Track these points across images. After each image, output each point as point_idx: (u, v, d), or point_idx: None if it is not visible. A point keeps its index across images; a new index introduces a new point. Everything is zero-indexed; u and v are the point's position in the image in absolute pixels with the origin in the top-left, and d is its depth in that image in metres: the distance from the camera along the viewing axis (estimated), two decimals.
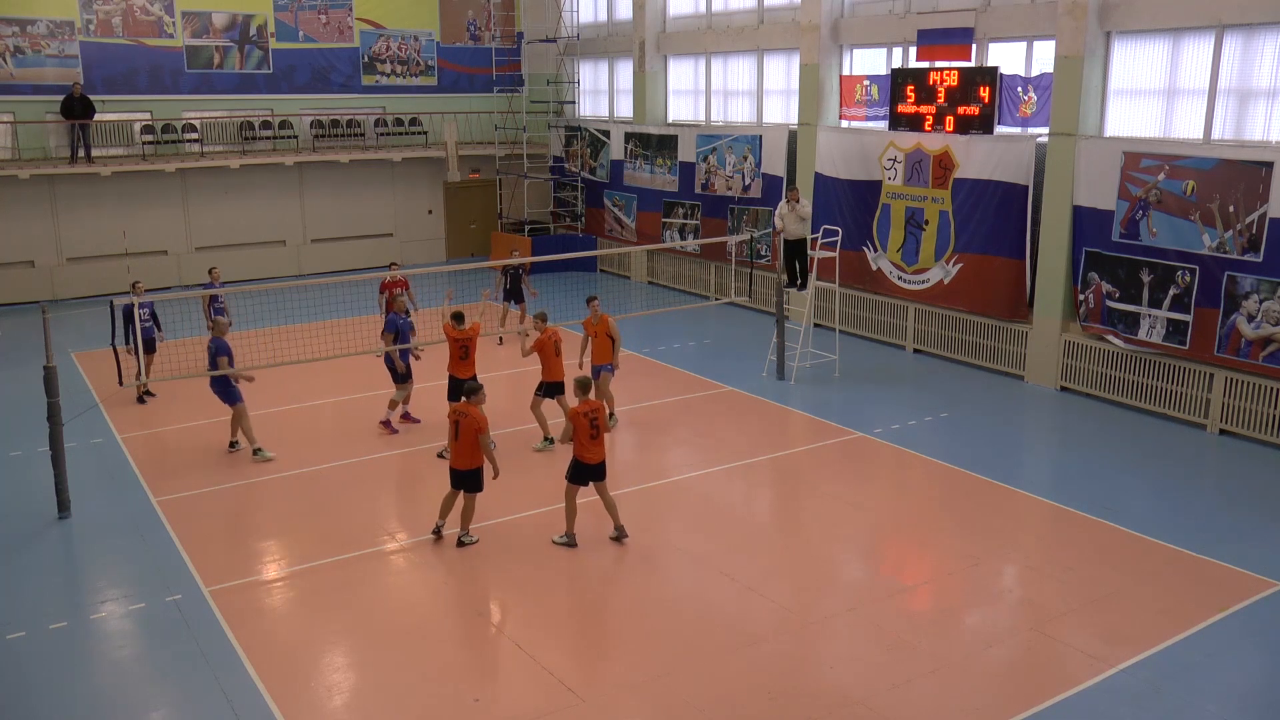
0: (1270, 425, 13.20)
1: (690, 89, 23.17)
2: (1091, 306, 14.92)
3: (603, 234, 25.28)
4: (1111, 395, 14.90)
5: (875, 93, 17.82)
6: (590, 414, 10.23)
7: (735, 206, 21.20)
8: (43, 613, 9.23)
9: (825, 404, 15.05)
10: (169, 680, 8.26)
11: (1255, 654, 8.59)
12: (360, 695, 8.04)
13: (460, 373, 12.78)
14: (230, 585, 9.70)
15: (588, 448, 10.26)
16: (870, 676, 8.19)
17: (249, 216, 24.49)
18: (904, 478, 12.63)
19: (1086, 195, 14.79)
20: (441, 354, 13.54)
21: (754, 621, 9.10)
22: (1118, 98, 14.78)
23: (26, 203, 22.06)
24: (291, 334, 16.12)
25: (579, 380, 10.55)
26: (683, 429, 14.08)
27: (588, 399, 10.36)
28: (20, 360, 16.84)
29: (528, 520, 11.12)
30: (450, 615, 9.25)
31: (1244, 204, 12.96)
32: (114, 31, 22.90)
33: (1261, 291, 12.91)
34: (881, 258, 17.99)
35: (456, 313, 13.02)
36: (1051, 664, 8.36)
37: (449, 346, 12.93)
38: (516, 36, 27.37)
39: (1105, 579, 9.75)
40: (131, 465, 12.79)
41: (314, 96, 25.49)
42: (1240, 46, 13.31)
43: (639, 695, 7.97)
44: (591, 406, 10.29)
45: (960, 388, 15.85)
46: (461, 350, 12.85)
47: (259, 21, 24.50)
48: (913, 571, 10.34)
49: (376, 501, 11.84)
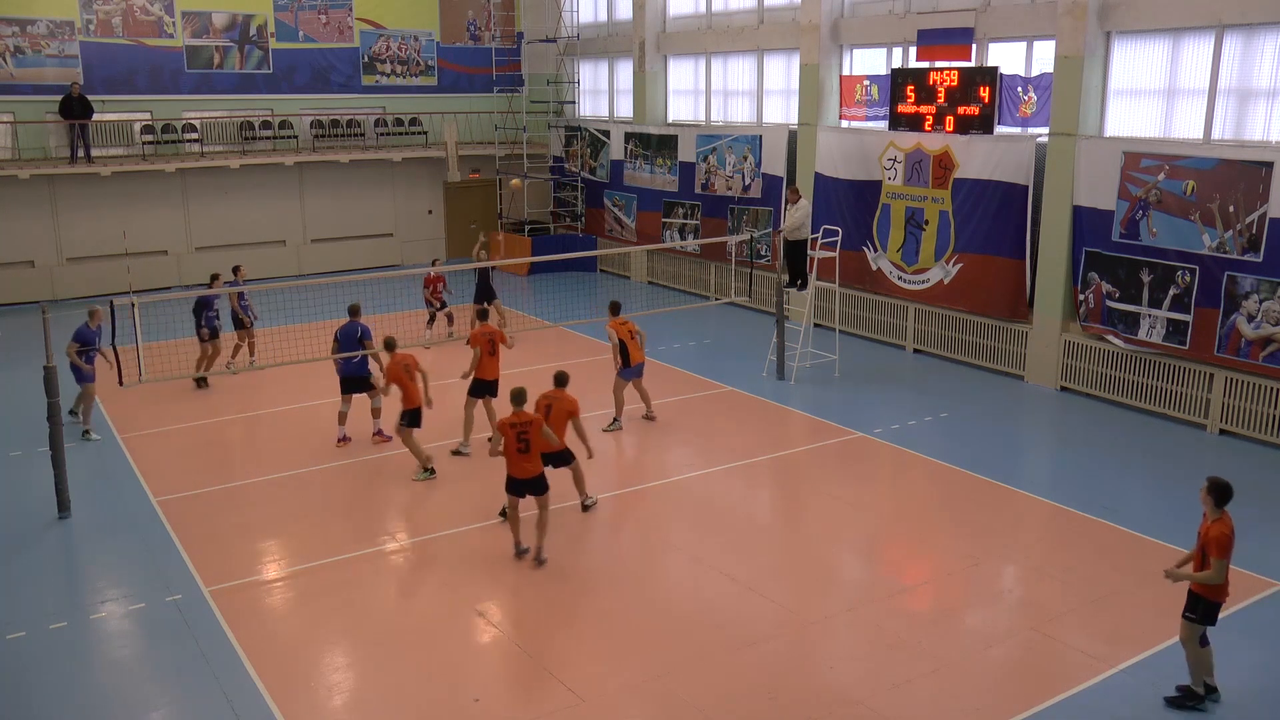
0: (1270, 425, 13.20)
1: (690, 89, 23.17)
2: (1091, 306, 14.92)
3: (603, 234, 25.27)
4: (1111, 395, 14.90)
5: (875, 93, 17.82)
6: (521, 426, 9.76)
7: (735, 206, 21.19)
8: (43, 613, 9.23)
9: (825, 404, 15.04)
10: (169, 680, 8.26)
11: (1255, 654, 8.59)
12: (360, 695, 8.04)
13: (487, 374, 12.88)
14: (230, 585, 9.70)
15: (515, 462, 9.84)
16: (870, 676, 8.19)
17: (249, 216, 24.49)
18: (904, 478, 12.63)
19: (1086, 195, 14.79)
20: (445, 355, 13.51)
21: (754, 621, 9.10)
22: (1118, 98, 14.78)
23: (26, 203, 22.05)
24: (291, 334, 16.12)
25: (514, 391, 10.09)
26: (683, 429, 14.07)
27: (520, 410, 9.88)
28: (20, 360, 16.83)
29: (527, 520, 11.11)
30: (450, 615, 9.25)
31: (1244, 204, 12.96)
32: (114, 31, 22.90)
33: (1261, 291, 12.91)
34: (881, 258, 17.99)
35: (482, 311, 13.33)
36: (1051, 664, 8.36)
37: (477, 344, 12.94)
38: (516, 36, 27.37)
39: (1105, 579, 9.75)
40: (131, 465, 12.80)
41: (314, 96, 25.49)
42: (1240, 46, 13.31)
43: (639, 695, 7.97)
44: (523, 419, 9.80)
45: (960, 388, 15.85)
46: (490, 347, 12.89)
47: (259, 21, 24.50)
48: (913, 571, 10.34)
49: (376, 501, 11.84)
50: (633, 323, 13.87)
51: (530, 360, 15.85)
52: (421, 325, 18.12)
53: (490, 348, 12.88)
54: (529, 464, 9.90)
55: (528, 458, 9.86)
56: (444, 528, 10.97)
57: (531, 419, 9.88)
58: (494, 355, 12.95)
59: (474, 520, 11.07)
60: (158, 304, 18.10)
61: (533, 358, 16.07)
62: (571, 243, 25.10)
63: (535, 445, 9.87)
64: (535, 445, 9.87)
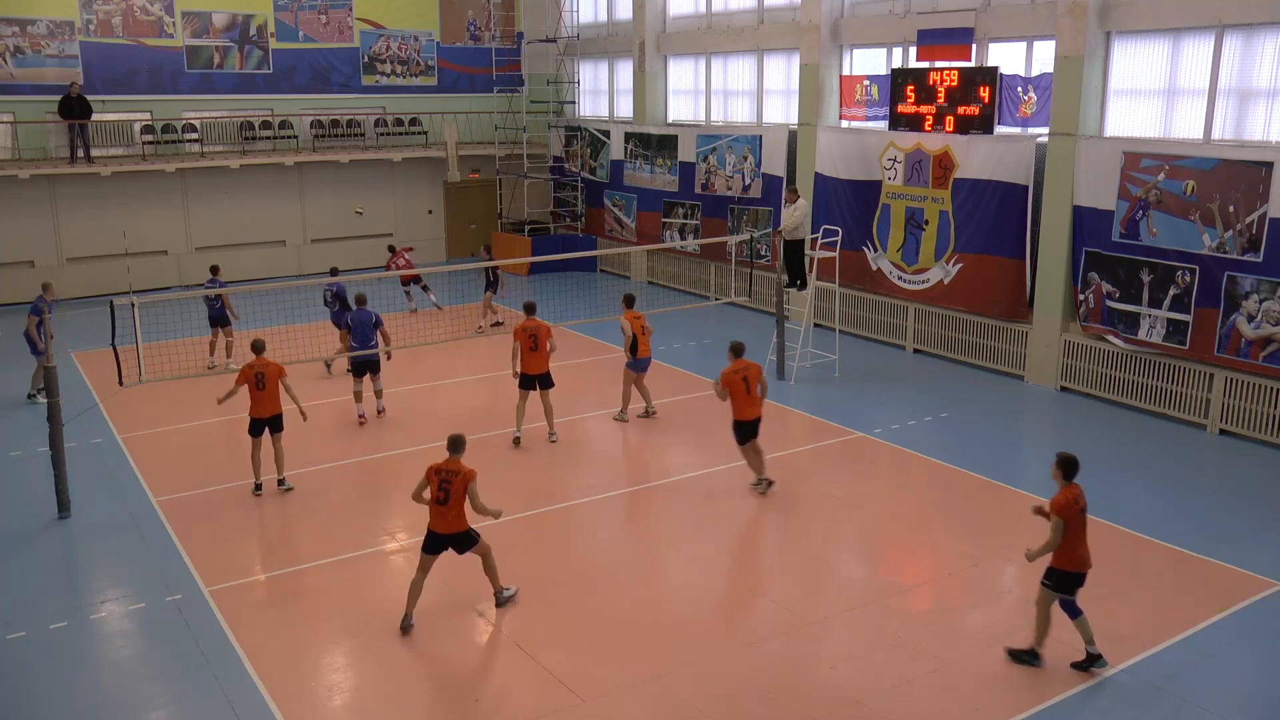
0: (1270, 425, 13.19)
1: (690, 89, 23.17)
2: (1091, 306, 14.92)
3: (603, 234, 25.27)
4: (1111, 395, 14.90)
5: (875, 93, 17.82)
6: (444, 474, 8.72)
7: (735, 206, 21.19)
8: (43, 613, 9.23)
9: (825, 404, 15.04)
10: (169, 680, 8.26)
11: (1255, 654, 8.59)
12: (360, 695, 8.04)
13: (533, 368, 13.08)
14: (230, 585, 9.70)
15: (435, 514, 8.83)
16: (870, 676, 8.19)
17: (249, 216, 24.49)
18: (904, 478, 12.63)
19: (1086, 195, 14.78)
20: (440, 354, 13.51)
21: (754, 621, 9.10)
22: (1118, 98, 14.78)
23: (26, 203, 22.06)
24: (291, 334, 16.13)
25: (451, 439, 8.91)
26: (683, 429, 14.08)
27: (452, 459, 8.81)
28: (20, 360, 16.82)
29: (528, 520, 11.12)
30: (450, 615, 9.24)
31: (1244, 204, 12.96)
32: (114, 31, 22.90)
33: (1261, 291, 12.91)
34: (881, 258, 17.99)
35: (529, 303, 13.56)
36: (1051, 664, 8.36)
37: (518, 340, 13.10)
38: (516, 36, 27.36)
39: (1105, 579, 9.72)
40: (131, 465, 12.80)
41: (314, 96, 25.49)
42: (1240, 46, 13.31)
43: (639, 695, 7.97)
44: (449, 468, 8.74)
45: (960, 388, 15.84)
46: (531, 342, 13.04)
47: (259, 21, 24.50)
48: (913, 571, 10.34)
49: (376, 501, 11.84)
50: (644, 318, 13.97)
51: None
52: (423, 326, 18.12)
53: (531, 343, 13.06)
54: (447, 519, 8.77)
55: (448, 508, 8.73)
56: None
57: (460, 470, 8.71)
58: (536, 351, 13.10)
59: (473, 520, 11.05)
60: (158, 304, 18.11)
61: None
62: (571, 243, 25.10)
63: (456, 499, 8.69)
64: (456, 499, 8.69)
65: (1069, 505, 8.09)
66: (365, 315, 14.08)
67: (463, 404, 15.13)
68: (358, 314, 14.17)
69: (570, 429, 13.83)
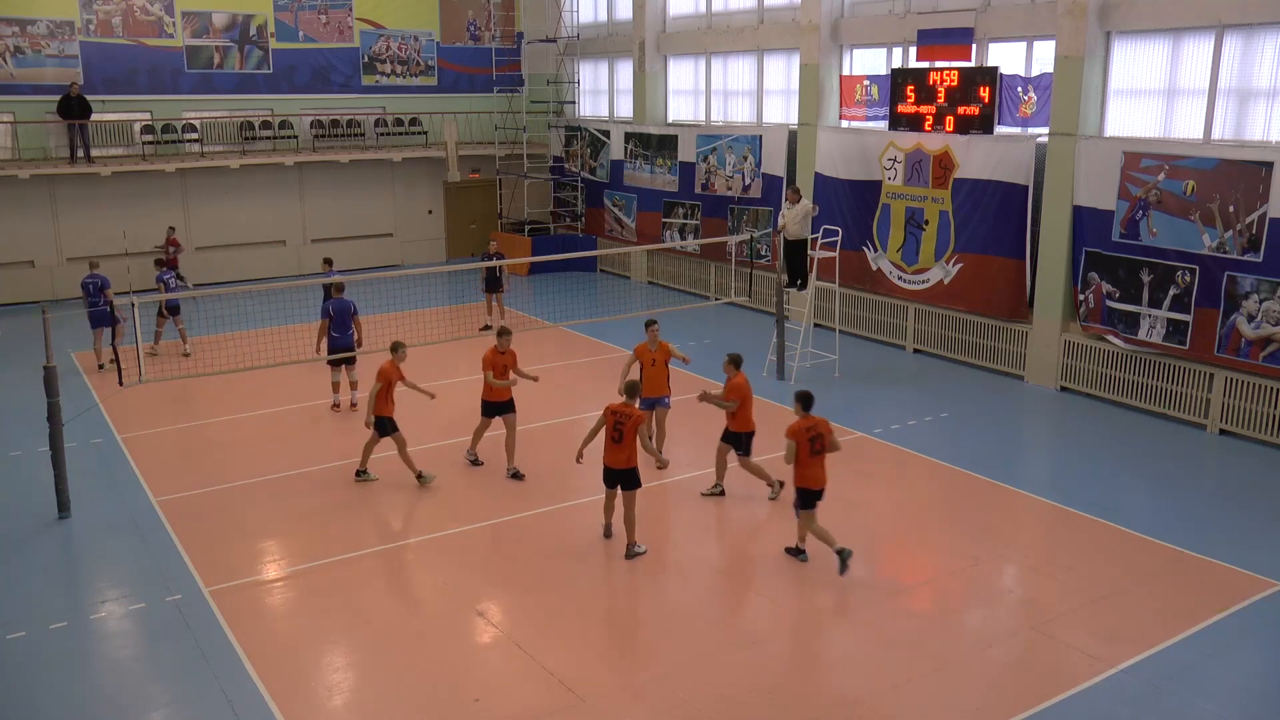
0: (1270, 425, 13.19)
1: (690, 89, 23.17)
2: (1091, 306, 14.92)
3: (603, 234, 25.28)
4: (1111, 395, 14.90)
5: (875, 93, 17.82)
6: (620, 415, 9.88)
7: (735, 206, 21.20)
8: (43, 613, 9.23)
9: (825, 404, 14.91)
10: (169, 680, 8.26)
11: (1255, 654, 8.59)
12: (360, 695, 8.04)
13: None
14: (230, 585, 9.70)
15: (609, 450, 9.99)
16: (870, 676, 8.19)
17: (249, 216, 24.48)
18: (904, 478, 12.63)
19: (1086, 195, 14.78)
20: (439, 355, 13.50)
21: (754, 621, 9.10)
22: (1118, 98, 14.78)
23: (26, 203, 22.05)
24: (291, 334, 16.13)
25: (628, 384, 10.22)
26: (683, 429, 14.06)
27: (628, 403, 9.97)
28: (20, 360, 16.83)
29: (528, 520, 11.12)
30: (450, 615, 9.25)
31: (1244, 204, 12.96)
32: (114, 31, 22.90)
33: (1261, 291, 12.91)
34: (881, 258, 17.99)
35: None
36: (1051, 664, 8.36)
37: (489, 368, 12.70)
38: (516, 36, 27.36)
39: (1105, 579, 9.75)
40: (131, 465, 12.79)
41: (314, 96, 25.48)
42: (1240, 46, 13.31)
43: (639, 695, 7.97)
44: (624, 411, 9.90)
45: (960, 388, 15.84)
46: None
47: (259, 21, 24.50)
48: (913, 571, 10.34)
49: (376, 501, 11.84)
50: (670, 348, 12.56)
51: (531, 360, 15.81)
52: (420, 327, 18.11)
53: (504, 374, 12.18)
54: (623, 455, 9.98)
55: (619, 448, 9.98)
56: (444, 528, 10.97)
57: (633, 414, 9.93)
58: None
59: (474, 520, 11.07)
60: (157, 304, 18.08)
61: (533, 358, 16.05)
62: (571, 243, 25.11)
63: (628, 438, 9.92)
64: (628, 438, 9.92)
65: (738, 389, 10.26)
66: (343, 304, 14.42)
67: (463, 404, 15.12)
68: (337, 302, 14.43)
69: (571, 429, 13.82)
